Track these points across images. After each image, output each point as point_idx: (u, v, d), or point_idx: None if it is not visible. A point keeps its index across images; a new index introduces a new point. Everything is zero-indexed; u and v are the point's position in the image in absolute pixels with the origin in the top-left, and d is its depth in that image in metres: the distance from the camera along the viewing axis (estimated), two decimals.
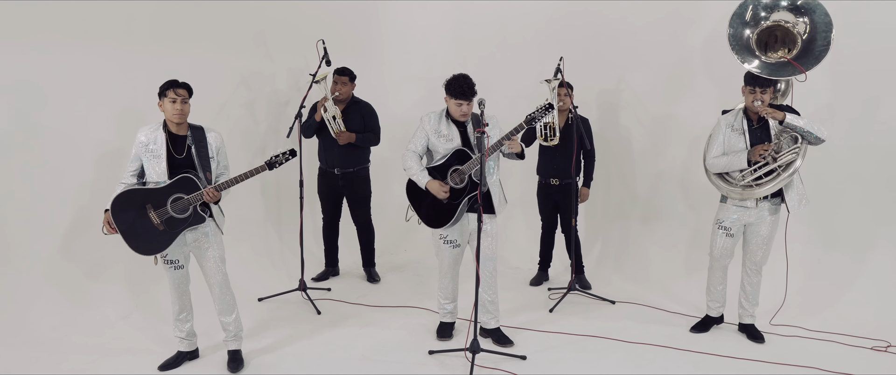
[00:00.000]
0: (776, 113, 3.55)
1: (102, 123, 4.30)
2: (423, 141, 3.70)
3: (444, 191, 3.60)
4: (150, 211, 3.27)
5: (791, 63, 3.67)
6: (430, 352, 3.74)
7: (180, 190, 3.27)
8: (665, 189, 5.18)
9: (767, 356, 3.70)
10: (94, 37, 4.22)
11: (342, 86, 4.73)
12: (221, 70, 4.86)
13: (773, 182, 3.64)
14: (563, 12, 5.49)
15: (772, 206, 3.76)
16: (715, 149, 3.80)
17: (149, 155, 3.28)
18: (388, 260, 5.53)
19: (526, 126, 3.48)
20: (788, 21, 3.74)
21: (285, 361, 3.66)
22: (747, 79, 3.68)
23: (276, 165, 3.33)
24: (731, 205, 3.81)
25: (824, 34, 3.64)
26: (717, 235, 3.88)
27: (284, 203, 5.37)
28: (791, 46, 3.73)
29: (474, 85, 3.56)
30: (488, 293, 3.79)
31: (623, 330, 4.05)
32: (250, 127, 5.14)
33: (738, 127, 3.75)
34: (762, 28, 3.77)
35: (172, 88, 3.25)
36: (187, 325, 3.56)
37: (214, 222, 3.41)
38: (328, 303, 4.54)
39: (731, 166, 3.72)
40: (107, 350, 3.72)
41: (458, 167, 3.62)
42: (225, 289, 3.48)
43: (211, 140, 3.38)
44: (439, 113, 3.72)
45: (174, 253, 3.38)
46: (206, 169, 3.31)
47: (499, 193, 3.73)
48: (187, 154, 3.31)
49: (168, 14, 4.52)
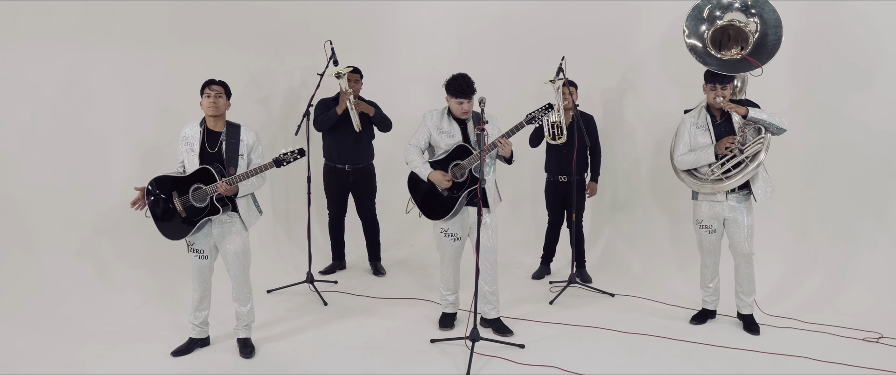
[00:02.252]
0: (739, 108, 3.72)
1: (116, 120, 4.48)
2: (426, 137, 3.83)
3: (446, 181, 3.73)
4: (175, 198, 3.47)
5: (747, 58, 3.81)
6: (431, 341, 3.86)
7: (200, 181, 3.45)
8: (668, 185, 5.25)
9: (761, 346, 3.79)
10: (108, 36, 4.39)
11: (354, 84, 4.89)
12: (232, 69, 4.99)
13: (741, 173, 3.78)
14: (567, 11, 5.58)
15: (741, 197, 3.88)
16: (681, 147, 3.94)
17: (187, 148, 3.51)
18: (393, 255, 5.66)
19: (525, 124, 3.61)
20: (741, 21, 3.92)
21: (294, 348, 3.79)
22: (707, 77, 3.85)
23: (284, 163, 3.44)
24: (703, 202, 3.95)
25: (775, 29, 3.83)
26: (700, 233, 4.01)
27: (292, 199, 5.51)
28: (744, 44, 3.90)
29: (473, 83, 3.69)
30: (489, 284, 3.91)
31: (620, 321, 4.15)
32: (264, 124, 5.27)
33: (702, 124, 3.89)
34: (716, 27, 3.95)
35: (208, 86, 3.51)
36: (204, 314, 3.70)
37: (239, 217, 3.56)
38: (334, 295, 4.67)
39: (699, 161, 3.86)
40: (123, 337, 3.87)
41: (458, 162, 3.75)
42: (242, 282, 3.62)
43: (244, 137, 3.56)
44: (441, 110, 3.85)
45: (200, 243, 3.57)
46: (231, 164, 3.48)
47: (494, 191, 3.86)
48: (219, 149, 3.49)
49: (180, 14, 4.68)
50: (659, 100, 5.23)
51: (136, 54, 4.52)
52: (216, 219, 3.53)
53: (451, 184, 3.75)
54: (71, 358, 3.60)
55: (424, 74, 6.15)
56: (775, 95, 4.48)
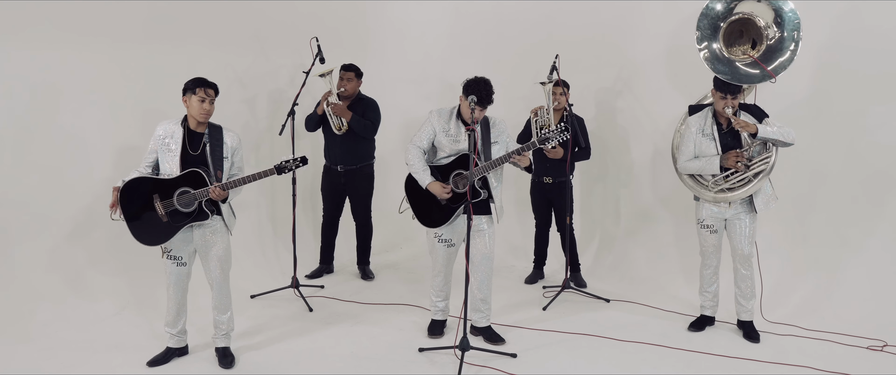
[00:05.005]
0: (748, 126, 3.60)
1: (97, 118, 4.31)
2: (430, 137, 3.65)
3: (445, 193, 3.56)
4: (156, 202, 3.28)
5: (758, 64, 3.67)
6: (420, 350, 3.72)
7: (188, 185, 3.27)
8: (662, 187, 5.14)
9: (762, 355, 3.67)
10: (86, 34, 4.23)
11: (348, 83, 4.73)
12: (216, 67, 4.84)
13: (745, 188, 3.71)
14: (560, 11, 5.46)
15: (743, 202, 3.79)
16: (686, 152, 3.84)
17: (164, 149, 3.30)
18: (384, 258, 5.51)
19: (538, 144, 3.48)
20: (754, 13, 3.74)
21: (274, 358, 3.64)
22: (717, 85, 3.71)
23: (286, 171, 3.32)
24: (705, 202, 3.85)
25: (792, 32, 3.66)
26: (702, 234, 3.91)
27: (280, 199, 5.36)
28: (756, 39, 3.72)
29: (494, 92, 3.50)
30: (483, 292, 3.76)
31: (616, 329, 4.02)
32: (246, 124, 5.13)
33: (708, 132, 3.77)
34: (731, 21, 3.78)
35: (203, 87, 3.27)
36: (181, 322, 3.55)
37: (223, 221, 3.40)
38: (321, 301, 4.52)
39: (704, 170, 3.77)
40: (97, 346, 3.71)
41: (461, 171, 3.58)
42: (223, 288, 3.47)
43: (227, 140, 3.39)
44: (450, 111, 3.67)
45: (178, 250, 3.39)
46: (218, 167, 3.31)
47: (499, 201, 3.70)
48: (202, 151, 3.32)
49: (163, 11, 4.53)
50: (654, 99, 5.12)
51: (116, 51, 4.35)
52: (199, 224, 3.35)
53: (451, 195, 3.59)
54: (39, 368, 3.44)
55: (415, 74, 6.02)
56: (782, 98, 4.31)
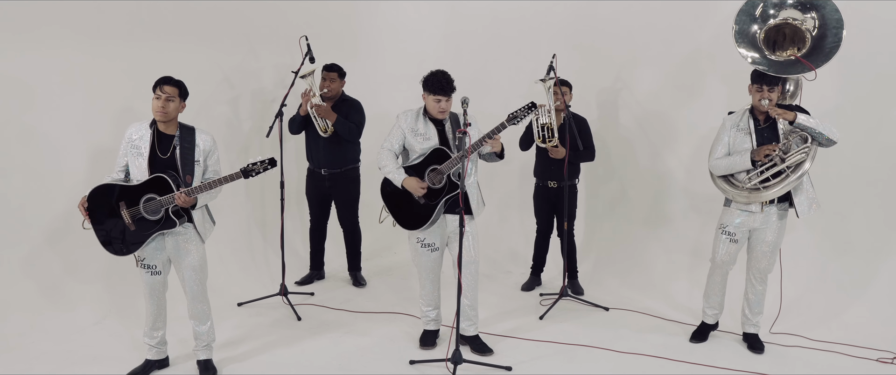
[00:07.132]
0: (786, 113, 3.37)
1: (75, 120, 4.16)
2: (400, 139, 3.55)
3: (421, 188, 3.43)
4: (122, 209, 3.12)
5: (800, 60, 3.49)
6: (411, 362, 3.57)
7: (154, 190, 3.11)
8: (665, 192, 4.99)
9: (766, 367, 3.52)
10: (67, 32, 4.08)
11: (331, 83, 4.59)
12: (204, 66, 4.71)
13: (781, 184, 3.44)
14: (557, 9, 5.31)
15: (779, 211, 3.56)
16: (718, 150, 3.63)
17: (133, 152, 3.14)
18: (376, 264, 5.36)
19: (507, 125, 3.33)
20: (797, 18, 3.57)
21: (260, 369, 3.50)
22: (754, 78, 3.51)
23: (253, 174, 3.13)
24: (736, 209, 3.61)
25: (835, 31, 3.47)
26: (721, 240, 3.68)
27: (268, 204, 5.21)
28: (801, 45, 3.55)
29: (453, 81, 3.43)
30: (469, 298, 3.62)
31: (616, 339, 3.87)
32: (233, 124, 4.98)
33: (744, 126, 3.57)
34: (770, 25, 3.61)
35: (159, 85, 3.11)
36: (159, 333, 3.40)
37: (195, 228, 3.24)
38: (310, 309, 4.37)
39: (734, 167, 3.53)
40: (75, 358, 3.57)
41: (436, 166, 3.46)
42: (200, 299, 3.31)
43: (199, 141, 3.21)
44: (416, 111, 3.58)
45: (152, 258, 3.23)
46: (188, 172, 3.15)
47: (477, 195, 3.57)
48: (171, 154, 3.16)
49: (149, 9, 4.38)
50: (656, 101, 4.98)
51: (95, 50, 4.19)
52: (170, 232, 3.20)
53: (426, 191, 3.45)
54: None
55: (410, 74, 5.79)
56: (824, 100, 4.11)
